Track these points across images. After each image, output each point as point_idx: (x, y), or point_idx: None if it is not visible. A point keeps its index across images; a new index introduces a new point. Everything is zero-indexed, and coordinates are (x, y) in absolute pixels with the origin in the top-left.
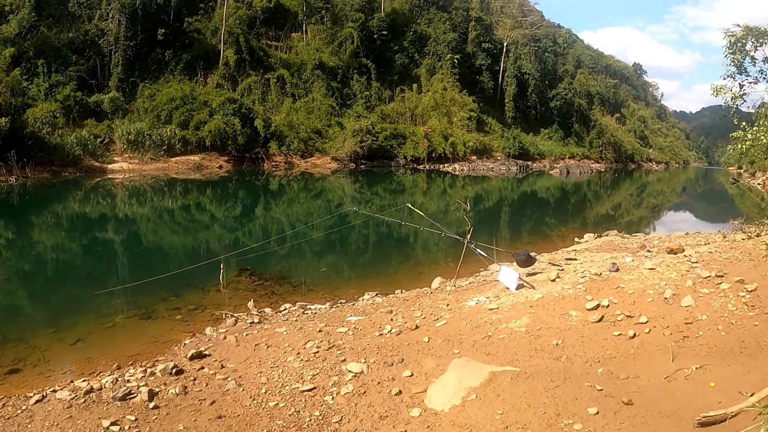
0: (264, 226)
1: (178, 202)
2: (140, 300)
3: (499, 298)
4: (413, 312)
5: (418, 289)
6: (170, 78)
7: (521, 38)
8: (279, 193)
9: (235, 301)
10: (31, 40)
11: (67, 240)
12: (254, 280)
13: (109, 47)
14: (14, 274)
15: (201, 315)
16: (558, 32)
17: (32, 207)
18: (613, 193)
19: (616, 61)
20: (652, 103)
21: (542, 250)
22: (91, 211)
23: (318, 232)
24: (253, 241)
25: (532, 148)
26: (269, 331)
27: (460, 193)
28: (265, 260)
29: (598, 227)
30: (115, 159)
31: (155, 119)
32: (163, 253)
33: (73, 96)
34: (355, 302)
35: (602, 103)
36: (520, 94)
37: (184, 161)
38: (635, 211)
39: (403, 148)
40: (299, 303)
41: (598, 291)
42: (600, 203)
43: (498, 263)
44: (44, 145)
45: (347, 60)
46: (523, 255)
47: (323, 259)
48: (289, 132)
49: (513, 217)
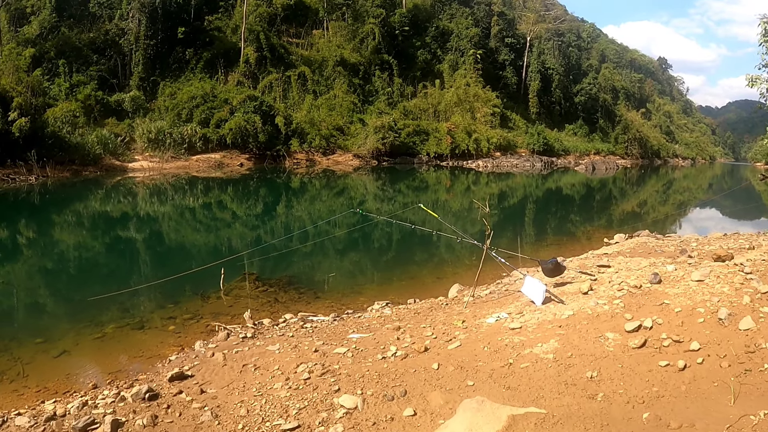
0: (278, 227)
1: (197, 201)
2: (136, 307)
3: (523, 315)
4: (423, 330)
5: (433, 299)
6: (191, 76)
7: (544, 33)
8: (300, 191)
9: (234, 309)
10: (52, 40)
11: (76, 241)
12: (258, 286)
13: (129, 46)
14: (12, 276)
15: (195, 326)
16: (582, 26)
17: (48, 206)
18: (640, 189)
19: (641, 56)
20: (677, 98)
21: (569, 252)
22: (106, 211)
23: (332, 233)
24: (265, 243)
25: (557, 144)
26: (261, 348)
27: (484, 190)
28: (272, 263)
29: (627, 226)
30: (136, 158)
31: (176, 118)
32: (170, 254)
33: (93, 95)
34: (363, 313)
35: (627, 98)
36: (544, 89)
37: (204, 159)
38: (664, 209)
39: (426, 145)
40: (301, 313)
41: (639, 308)
42: (627, 200)
43: (521, 271)
44: (64, 145)
45: (369, 56)
46: (550, 263)
47: (333, 262)
48: (310, 129)
49: (537, 216)
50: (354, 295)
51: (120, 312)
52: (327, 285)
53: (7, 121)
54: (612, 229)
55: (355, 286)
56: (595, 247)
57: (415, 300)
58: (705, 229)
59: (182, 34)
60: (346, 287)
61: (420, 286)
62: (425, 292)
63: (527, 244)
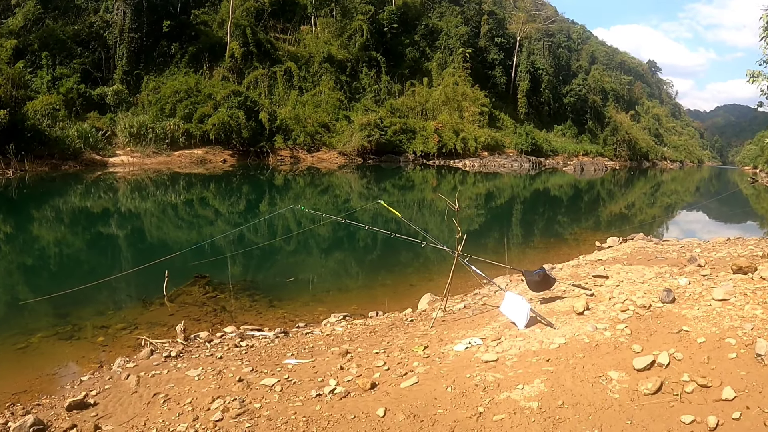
0: (254, 226)
1: (175, 197)
2: (74, 312)
3: (501, 342)
4: (375, 357)
5: (397, 314)
6: (175, 71)
7: (535, 33)
8: (284, 188)
9: (175, 319)
10: (36, 32)
11: (36, 237)
12: (207, 291)
13: (114, 39)
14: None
15: (126, 338)
16: (572, 28)
17: (18, 201)
18: (630, 191)
19: (631, 58)
20: (666, 101)
21: (558, 257)
22: (78, 207)
23: (305, 232)
24: (206, 240)
25: (545, 144)
26: (180, 372)
27: (471, 190)
28: (234, 265)
29: (619, 229)
30: (117, 153)
31: (159, 112)
32: (132, 254)
33: (76, 88)
34: (314, 328)
35: (617, 100)
36: (533, 89)
37: (187, 155)
38: (654, 211)
39: (413, 143)
40: (244, 326)
41: (650, 336)
42: (617, 202)
43: (501, 282)
44: (44, 138)
45: (356, 53)
46: (536, 274)
47: (298, 265)
48: (295, 126)
49: (524, 217)
50: (314, 303)
51: (55, 318)
52: (285, 291)
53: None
54: (603, 232)
55: (317, 293)
56: (587, 252)
57: (378, 313)
58: (693, 232)
59: (167, 28)
60: (307, 294)
61: (389, 294)
62: (394, 301)
63: (513, 247)
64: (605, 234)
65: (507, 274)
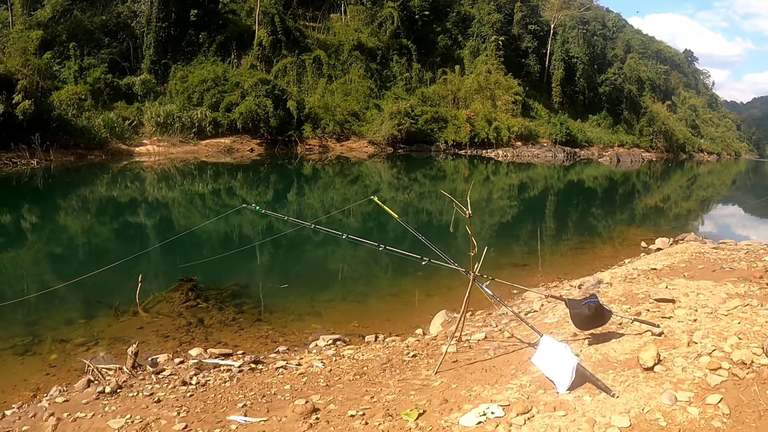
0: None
1: (206, 186)
2: (43, 318)
3: (532, 419)
4: (349, 424)
5: (397, 342)
6: (203, 60)
7: (569, 20)
8: (312, 178)
9: (143, 333)
10: (64, 24)
11: (43, 227)
12: (189, 299)
13: (141, 29)
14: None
15: (79, 356)
16: (607, 16)
17: (34, 190)
18: (668, 184)
19: (667, 47)
20: (703, 92)
21: (602, 261)
22: (95, 197)
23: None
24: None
25: (580, 134)
26: (103, 420)
27: (504, 181)
28: (230, 267)
29: (665, 226)
30: (144, 142)
31: (186, 101)
32: (129, 246)
33: (103, 78)
34: (298, 352)
35: (653, 89)
36: (567, 78)
37: (214, 144)
38: (697, 206)
39: (444, 133)
40: (213, 349)
41: (759, 420)
42: (656, 196)
43: (534, 328)
44: (70, 128)
45: (387, 41)
46: (586, 305)
47: (297, 266)
48: (324, 114)
49: (559, 209)
50: (309, 317)
51: (22, 325)
52: (279, 300)
53: (11, 104)
54: (646, 229)
55: (315, 302)
56: (631, 253)
57: (377, 336)
58: (743, 231)
59: (195, 17)
60: (303, 304)
61: (399, 306)
62: (403, 316)
63: (546, 247)
64: (649, 231)
65: (541, 285)
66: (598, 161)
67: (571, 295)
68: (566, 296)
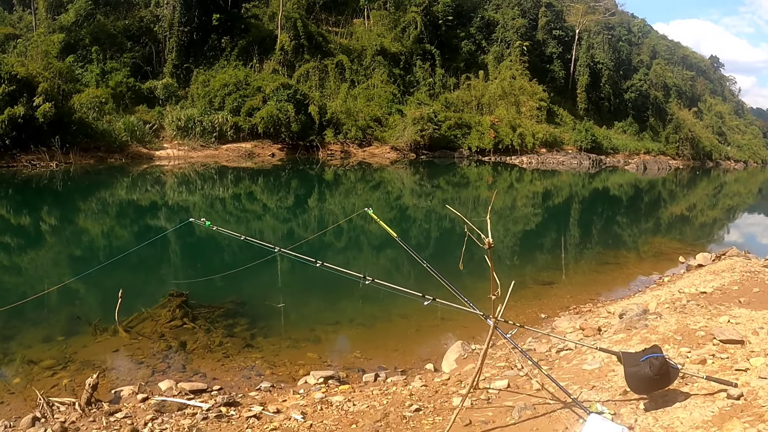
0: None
1: (227, 191)
2: (21, 332)
3: None
4: None
5: (398, 387)
6: (225, 64)
7: (594, 26)
8: (334, 184)
9: (117, 357)
10: (87, 27)
11: (48, 232)
12: (175, 317)
13: (164, 34)
14: None
15: (41, 383)
16: (632, 21)
17: (58, 193)
18: (698, 193)
19: (693, 53)
20: (729, 99)
21: (635, 278)
22: (114, 201)
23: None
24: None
25: (606, 141)
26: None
27: (528, 188)
28: (227, 280)
29: (700, 239)
30: (164, 146)
31: (208, 105)
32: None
33: (125, 82)
34: (283, 391)
35: (679, 96)
36: (592, 84)
37: (234, 149)
38: (729, 217)
39: (468, 139)
40: (184, 384)
41: None
42: (686, 205)
43: (576, 399)
44: (90, 131)
45: (410, 46)
46: (646, 362)
47: (300, 281)
48: (346, 119)
49: (587, 218)
50: (306, 343)
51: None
52: (274, 322)
53: (32, 107)
54: (680, 240)
55: (315, 324)
56: (668, 269)
57: (378, 375)
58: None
59: (217, 21)
60: (299, 329)
61: (409, 333)
62: (412, 345)
63: (574, 262)
64: (684, 244)
65: (572, 308)
66: (624, 169)
67: (610, 327)
68: (606, 329)
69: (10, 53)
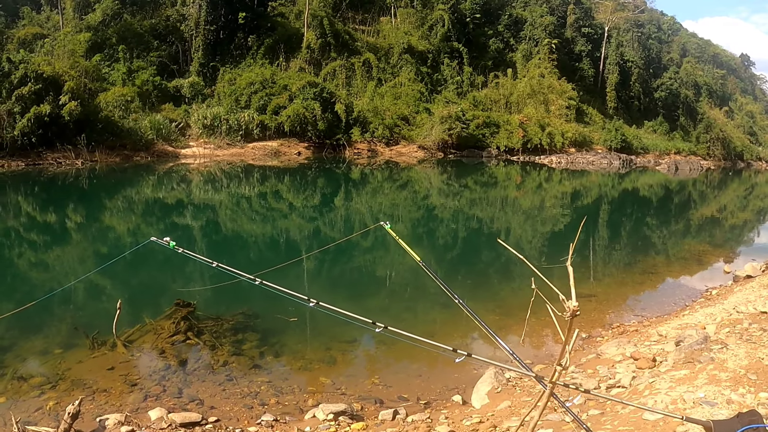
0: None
1: (253, 190)
2: (18, 342)
3: None
4: None
5: (419, 426)
6: (251, 62)
7: (623, 23)
8: (361, 183)
9: (111, 377)
10: (114, 27)
11: (74, 230)
12: (179, 330)
13: (190, 32)
14: None
15: (25, 405)
16: (662, 19)
17: (85, 191)
18: (733, 195)
19: (723, 51)
20: (760, 98)
21: (680, 290)
22: (138, 198)
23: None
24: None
25: (636, 141)
26: None
27: (557, 188)
28: (240, 289)
29: (742, 246)
30: (190, 144)
31: (234, 104)
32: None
33: (151, 81)
34: (283, 427)
35: (709, 95)
36: (622, 82)
37: (260, 147)
38: (761, 221)
39: (496, 138)
40: (175, 414)
41: None
42: (724, 209)
43: None
44: (116, 129)
45: (438, 44)
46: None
47: (317, 295)
48: (373, 118)
49: (619, 222)
50: (318, 365)
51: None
52: (286, 339)
53: (58, 105)
54: (721, 247)
55: (330, 346)
56: (713, 280)
57: (396, 413)
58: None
59: (243, 20)
60: (313, 348)
61: (435, 355)
62: (437, 373)
63: (611, 272)
64: (725, 251)
65: (615, 326)
66: (654, 169)
67: (666, 356)
68: (662, 358)
69: (38, 52)
